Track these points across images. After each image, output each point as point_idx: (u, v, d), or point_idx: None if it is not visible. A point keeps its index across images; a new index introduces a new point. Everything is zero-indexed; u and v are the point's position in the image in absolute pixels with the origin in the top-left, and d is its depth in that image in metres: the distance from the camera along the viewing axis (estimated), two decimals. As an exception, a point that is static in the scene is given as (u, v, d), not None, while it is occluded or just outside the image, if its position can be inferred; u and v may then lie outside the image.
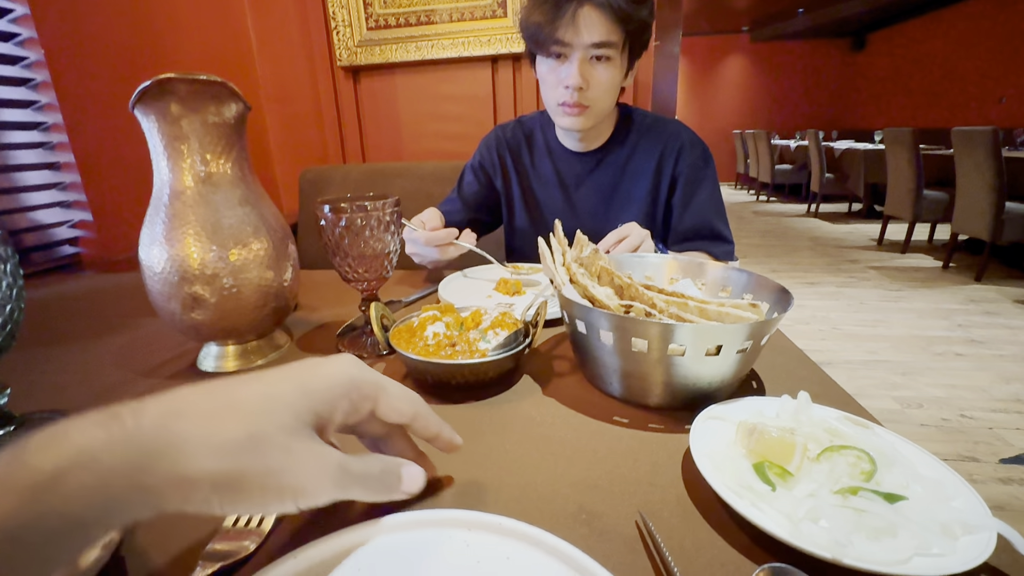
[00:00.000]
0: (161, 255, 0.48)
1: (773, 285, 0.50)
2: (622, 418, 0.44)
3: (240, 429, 0.23)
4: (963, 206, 3.44)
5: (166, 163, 0.48)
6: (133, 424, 0.21)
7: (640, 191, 0.99)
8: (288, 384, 0.26)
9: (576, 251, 0.53)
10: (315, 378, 0.27)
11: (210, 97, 0.47)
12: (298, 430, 0.25)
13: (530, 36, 0.84)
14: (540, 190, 1.06)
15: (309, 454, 0.25)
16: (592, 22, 0.78)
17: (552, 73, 0.85)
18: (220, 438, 0.23)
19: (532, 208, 1.07)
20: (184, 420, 0.22)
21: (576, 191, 1.03)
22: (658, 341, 0.40)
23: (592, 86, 0.83)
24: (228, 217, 0.50)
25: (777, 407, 0.41)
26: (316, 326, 0.66)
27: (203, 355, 0.56)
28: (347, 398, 0.28)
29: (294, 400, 0.25)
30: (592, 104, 0.86)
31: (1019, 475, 1.55)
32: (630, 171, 0.99)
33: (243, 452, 0.23)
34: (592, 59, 0.82)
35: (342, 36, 1.73)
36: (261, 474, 0.23)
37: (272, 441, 0.24)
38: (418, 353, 0.47)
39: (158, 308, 0.51)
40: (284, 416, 0.25)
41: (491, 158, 1.08)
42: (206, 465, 0.22)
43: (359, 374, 0.29)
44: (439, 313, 0.54)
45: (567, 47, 0.81)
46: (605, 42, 0.79)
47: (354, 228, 0.51)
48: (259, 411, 0.24)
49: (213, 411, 0.23)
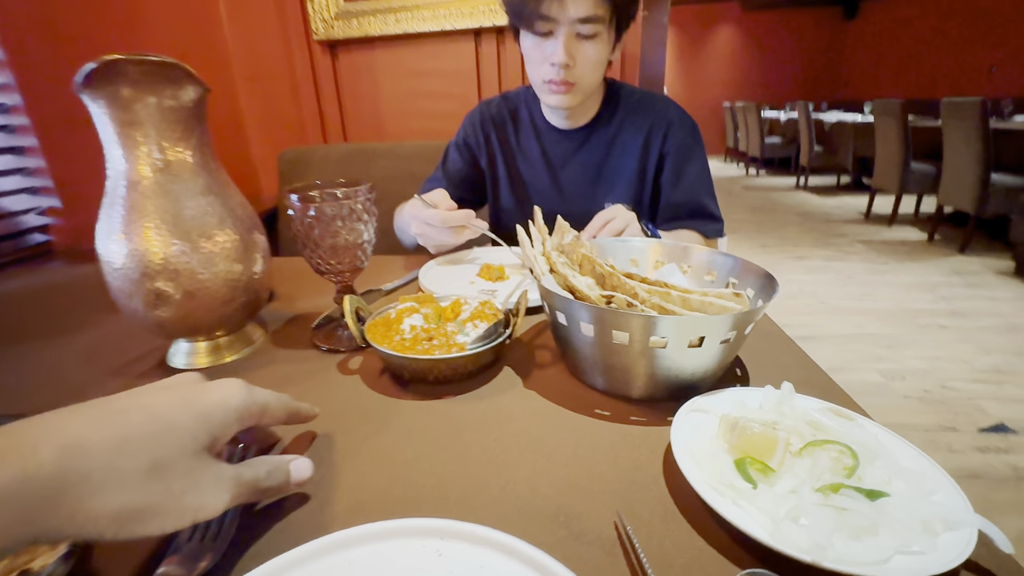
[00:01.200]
0: (120, 249, 0.46)
1: (758, 270, 0.48)
2: (604, 411, 0.43)
3: (143, 457, 0.24)
4: (950, 178, 3.45)
5: (120, 151, 0.45)
6: (33, 465, 0.20)
7: (628, 168, 0.97)
8: (185, 411, 0.27)
9: (557, 238, 0.51)
10: (210, 405, 0.28)
11: (165, 80, 0.44)
12: (196, 452, 0.26)
13: (513, 11, 0.81)
14: (526, 168, 1.03)
15: (207, 473, 0.27)
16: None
17: (537, 49, 0.82)
18: (123, 470, 0.23)
19: (518, 187, 1.05)
20: (85, 455, 0.22)
21: (562, 169, 1.00)
22: (639, 333, 0.39)
23: (579, 63, 0.80)
24: (190, 208, 0.47)
25: (760, 398, 0.40)
26: (291, 318, 0.64)
27: (173, 352, 0.54)
28: (239, 422, 0.30)
29: (192, 426, 0.27)
30: (579, 81, 0.83)
31: (995, 444, 1.59)
32: (617, 148, 0.97)
33: (146, 481, 0.24)
34: (578, 35, 0.78)
35: (317, 8, 1.66)
36: (163, 499, 0.24)
37: (173, 466, 0.25)
38: (394, 348, 0.45)
39: (120, 305, 0.48)
40: (183, 441, 0.26)
41: (475, 135, 1.04)
42: (109, 500, 0.22)
43: (249, 397, 0.31)
44: (417, 304, 0.52)
45: (552, 22, 0.77)
46: (592, 16, 0.76)
47: (324, 218, 0.49)
48: (159, 437, 0.25)
49: (114, 442, 0.23)
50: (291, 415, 0.35)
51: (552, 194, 1.02)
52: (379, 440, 0.40)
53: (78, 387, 0.50)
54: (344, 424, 0.42)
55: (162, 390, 0.28)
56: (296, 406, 0.36)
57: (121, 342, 0.59)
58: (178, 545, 0.29)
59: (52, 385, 0.51)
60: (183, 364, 0.52)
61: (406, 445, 0.40)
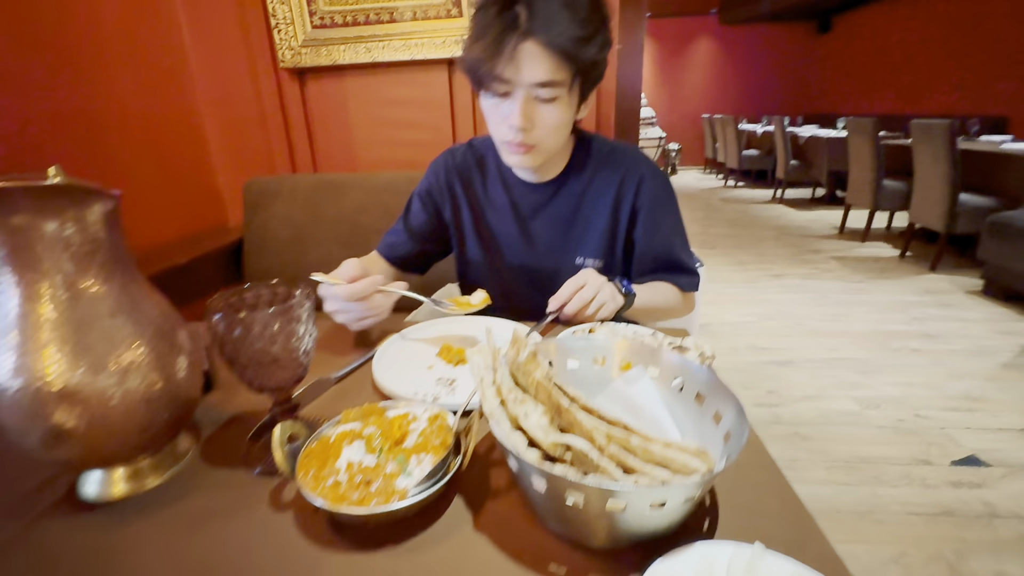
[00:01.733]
0: (12, 383, 0.40)
1: (728, 395, 0.45)
2: (561, 565, 0.39)
3: None
4: (920, 196, 3.53)
5: (12, 280, 0.39)
6: None
7: (599, 221, 0.94)
8: None
9: (512, 354, 0.47)
10: None
11: (67, 203, 0.38)
12: None
13: (470, 71, 0.78)
14: (494, 219, 0.99)
15: None
16: (535, 60, 0.71)
17: (495, 110, 0.79)
18: None
19: (486, 238, 1.00)
20: None
21: (532, 221, 0.97)
22: (596, 499, 0.35)
23: (537, 126, 0.77)
24: (95, 333, 0.42)
25: (728, 558, 0.36)
26: (228, 419, 0.59)
27: (83, 480, 0.48)
28: None
29: None
30: (538, 144, 0.80)
31: (968, 478, 1.60)
32: (588, 201, 0.94)
33: None
34: (537, 98, 0.75)
35: (284, 35, 1.60)
36: None
37: None
38: (326, 493, 0.40)
39: (16, 445, 0.43)
40: None
41: (439, 186, 1.00)
42: None
43: None
44: (360, 425, 0.47)
45: (508, 84, 0.74)
46: (549, 81, 0.73)
47: (253, 336, 0.44)
48: None
49: None
50: None
51: (522, 246, 0.98)
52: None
53: (-29, 529, 0.44)
54: (267, 588, 0.37)
55: None
56: None
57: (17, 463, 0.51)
58: None
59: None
60: (95, 495, 0.47)
61: None
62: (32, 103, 1.11)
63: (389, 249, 1.01)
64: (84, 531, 0.43)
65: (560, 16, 0.70)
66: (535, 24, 0.70)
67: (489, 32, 0.71)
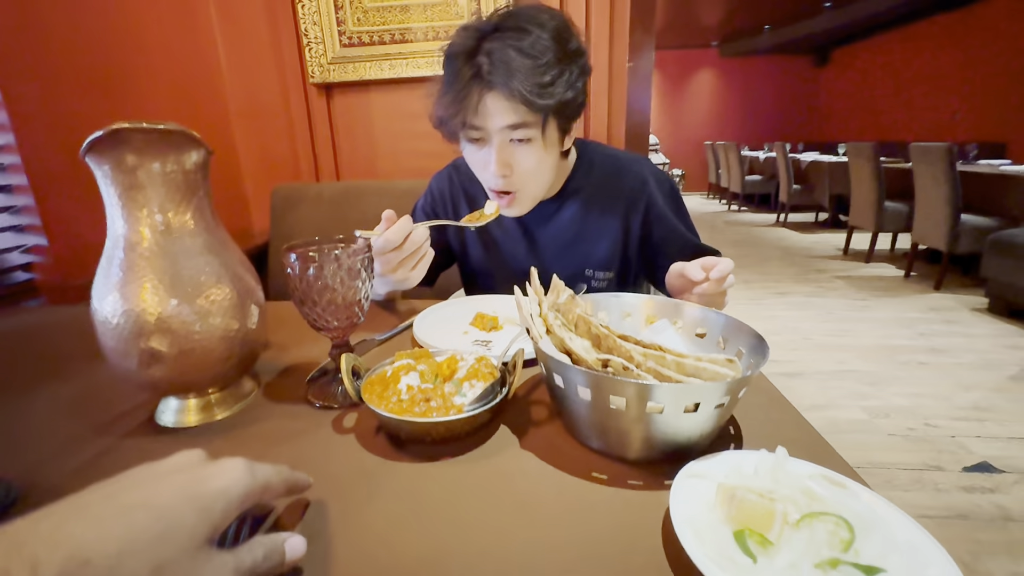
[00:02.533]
0: (115, 308, 0.45)
1: (749, 331, 0.50)
2: (601, 474, 0.43)
3: (144, 565, 0.24)
4: (922, 217, 3.59)
5: (120, 213, 0.45)
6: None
7: (608, 236, 0.94)
8: (188, 506, 0.27)
9: (553, 297, 0.52)
10: (213, 496, 0.28)
11: (169, 145, 0.45)
12: (198, 548, 0.26)
13: (441, 124, 0.79)
14: (500, 235, 0.99)
15: (207, 568, 0.26)
16: (500, 108, 0.72)
17: (475, 156, 0.80)
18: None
19: (491, 249, 1.00)
20: (88, 568, 0.22)
21: (538, 233, 0.96)
22: (636, 400, 0.40)
23: (516, 171, 0.78)
24: (188, 268, 0.47)
25: (755, 462, 0.40)
26: (285, 368, 0.64)
27: (161, 409, 0.53)
28: (241, 507, 0.30)
29: (193, 523, 0.26)
30: (520, 189, 0.80)
31: (981, 483, 1.61)
32: (596, 212, 0.94)
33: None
34: (511, 140, 0.75)
35: (314, 53, 1.70)
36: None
37: (175, 568, 0.25)
38: (391, 409, 0.45)
39: (113, 364, 0.48)
40: (184, 541, 0.26)
41: (443, 201, 1.02)
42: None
43: (252, 482, 0.30)
44: (413, 361, 0.52)
45: (481, 131, 0.75)
46: (520, 123, 0.73)
47: (322, 276, 0.50)
48: (160, 540, 0.25)
49: (117, 550, 0.23)
50: (290, 488, 0.35)
51: (528, 260, 0.97)
52: (374, 506, 0.40)
53: (62, 446, 0.49)
54: (339, 489, 0.42)
55: (163, 478, 0.28)
56: (294, 478, 0.35)
57: (107, 395, 0.58)
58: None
59: (36, 442, 0.49)
60: (171, 422, 0.51)
61: (402, 512, 0.39)
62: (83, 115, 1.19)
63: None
64: (162, 449, 0.47)
65: (519, 65, 0.69)
66: (495, 76, 0.70)
67: (455, 84, 0.72)
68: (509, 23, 0.72)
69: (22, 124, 1.06)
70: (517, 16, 0.73)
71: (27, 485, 0.42)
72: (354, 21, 1.67)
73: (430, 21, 1.65)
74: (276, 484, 0.33)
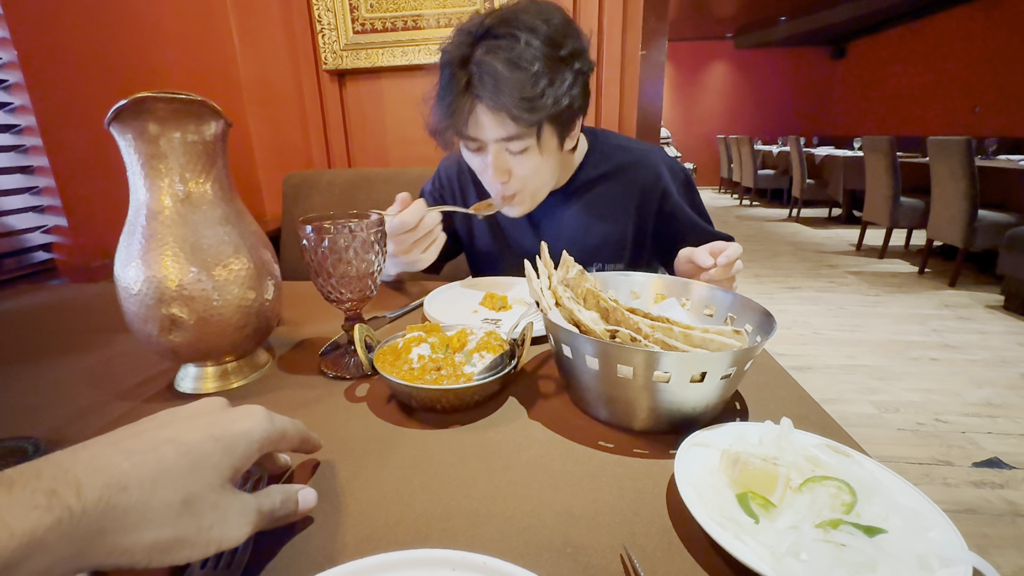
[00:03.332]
0: (138, 276, 0.47)
1: (756, 307, 0.50)
2: (607, 443, 0.44)
3: (175, 494, 0.25)
4: (938, 213, 3.54)
5: (143, 182, 0.46)
6: (79, 507, 0.22)
7: (619, 229, 0.93)
8: (210, 444, 0.28)
9: (562, 272, 0.53)
10: (235, 436, 0.29)
11: (190, 115, 0.46)
12: (222, 485, 0.28)
13: (436, 133, 0.78)
14: (508, 224, 0.99)
15: (232, 506, 0.28)
16: (491, 121, 0.72)
17: (474, 160, 0.81)
18: (157, 507, 0.25)
19: (498, 237, 1.01)
20: (124, 494, 0.23)
21: (545, 220, 0.95)
22: (643, 368, 0.40)
23: (515, 176, 0.78)
24: (208, 237, 0.48)
25: (760, 433, 0.41)
26: (298, 343, 0.65)
27: (180, 376, 0.54)
28: (260, 450, 0.31)
29: (218, 460, 0.28)
30: (521, 190, 0.81)
31: (990, 478, 1.60)
32: (606, 202, 0.92)
33: (178, 516, 0.25)
34: (508, 150, 0.75)
35: (327, 40, 1.71)
36: (193, 532, 0.26)
37: (203, 501, 0.27)
38: (403, 377, 0.46)
39: (134, 329, 0.49)
40: (210, 476, 0.27)
41: (450, 187, 1.03)
42: (144, 536, 0.24)
43: (271, 427, 0.32)
44: (424, 334, 0.53)
45: (476, 141, 0.75)
46: (513, 136, 0.73)
47: (337, 248, 0.51)
48: (188, 473, 0.26)
49: (150, 479, 0.25)
50: (304, 442, 0.36)
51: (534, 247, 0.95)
52: (386, 469, 0.41)
53: (86, 409, 0.51)
54: (351, 452, 0.43)
55: (189, 420, 0.29)
56: (308, 433, 0.37)
57: (128, 365, 0.60)
58: (191, 572, 0.30)
59: (62, 407, 0.51)
60: (190, 389, 0.53)
61: (413, 474, 0.40)
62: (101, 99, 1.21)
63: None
64: (184, 415, 0.50)
65: (506, 78, 0.67)
66: (483, 91, 0.69)
67: (449, 93, 0.72)
68: (500, 29, 0.70)
69: (43, 108, 1.09)
70: (510, 20, 0.70)
71: (53, 443, 0.44)
72: (367, 7, 1.68)
73: (442, 8, 1.65)
74: (292, 434, 0.34)
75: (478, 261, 1.07)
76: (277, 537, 0.34)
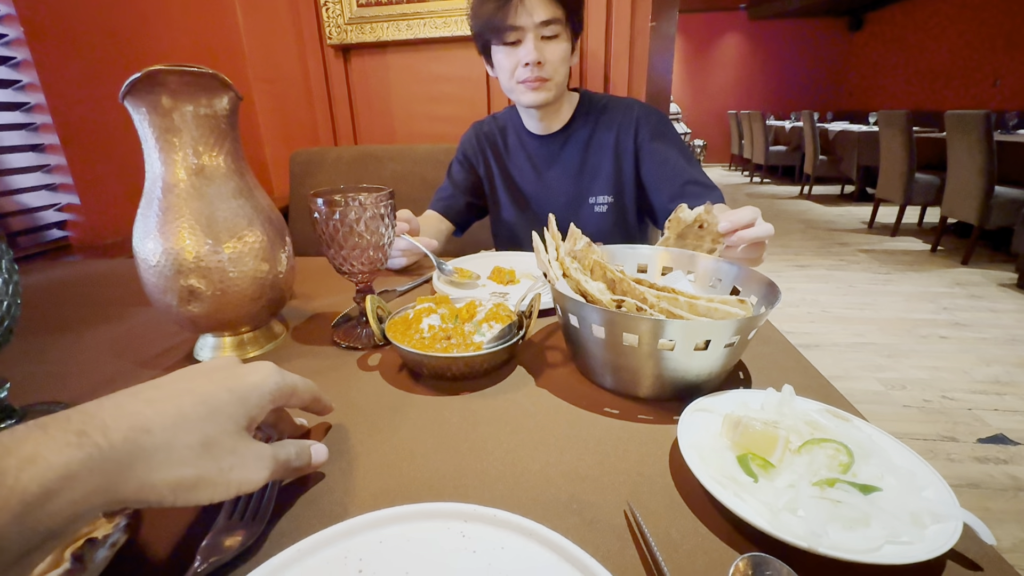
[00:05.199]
0: (156, 248, 0.48)
1: (761, 278, 0.51)
2: (612, 409, 0.45)
3: (195, 437, 0.27)
4: (953, 189, 3.47)
5: (158, 156, 0.47)
6: (106, 444, 0.23)
7: (605, 164, 1.07)
8: (225, 394, 0.30)
9: (570, 244, 0.53)
10: (248, 387, 0.31)
11: (201, 89, 0.46)
12: (238, 432, 0.30)
13: (484, 26, 0.93)
14: (517, 175, 1.15)
15: (249, 451, 0.30)
16: (536, 4, 0.88)
17: (509, 58, 0.94)
18: (180, 448, 0.26)
19: (513, 192, 1.16)
20: (149, 435, 0.25)
21: (548, 171, 1.11)
22: (648, 336, 0.41)
23: (548, 60, 0.93)
24: (222, 210, 0.50)
25: (762, 399, 0.42)
26: (311, 316, 0.67)
27: (199, 346, 0.56)
28: (273, 402, 0.33)
29: (233, 410, 0.30)
30: (551, 76, 0.94)
31: (995, 454, 1.61)
32: (594, 146, 1.07)
33: (199, 458, 0.27)
34: (543, 38, 0.91)
35: (332, 13, 1.69)
36: (213, 473, 0.28)
37: (221, 445, 0.28)
38: (414, 346, 0.48)
39: (154, 300, 0.51)
40: (226, 423, 0.29)
41: (473, 151, 1.18)
42: (169, 474, 0.26)
43: (281, 380, 0.34)
44: (434, 305, 0.54)
45: (520, 31, 0.90)
46: (551, 19, 0.89)
47: (348, 221, 0.52)
48: (206, 419, 0.28)
49: (171, 424, 0.27)
50: (315, 400, 0.38)
51: (541, 193, 1.13)
52: (399, 432, 0.42)
53: (110, 378, 0.53)
54: (365, 416, 0.45)
55: (204, 374, 0.31)
56: (319, 393, 0.38)
57: (148, 336, 0.62)
58: (219, 522, 0.32)
59: (87, 375, 0.53)
60: (208, 358, 0.55)
61: (425, 437, 0.42)
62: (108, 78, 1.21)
63: (442, 204, 1.17)
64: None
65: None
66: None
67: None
68: None
69: (52, 86, 1.09)
70: None
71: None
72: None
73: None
74: (303, 390, 0.36)
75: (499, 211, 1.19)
76: (295, 492, 0.36)
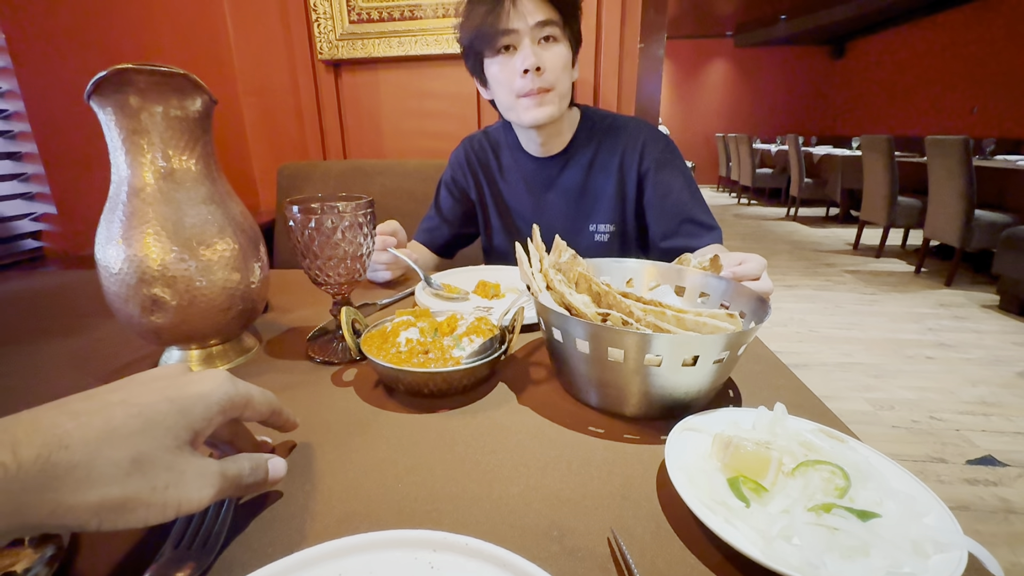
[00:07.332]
0: (118, 255, 0.46)
1: (751, 293, 0.49)
2: (597, 428, 0.43)
3: (123, 453, 0.24)
4: (935, 213, 3.54)
5: (124, 158, 0.45)
6: (13, 463, 0.21)
7: (608, 189, 0.99)
8: (165, 405, 0.27)
9: (554, 256, 0.52)
10: (192, 398, 0.28)
11: (172, 89, 0.45)
12: (179, 447, 0.27)
13: (475, 36, 0.85)
14: (511, 197, 1.06)
15: (191, 467, 0.27)
16: (530, 6, 0.80)
17: (505, 68, 0.85)
18: (103, 465, 0.23)
19: (504, 215, 1.08)
20: (66, 451, 0.22)
21: (545, 194, 1.02)
22: (634, 351, 0.39)
23: (548, 67, 0.83)
24: (191, 216, 0.47)
25: (753, 418, 0.40)
26: (286, 329, 0.64)
27: (164, 359, 0.53)
28: (222, 414, 0.30)
29: (173, 422, 0.27)
30: (553, 86, 0.85)
31: (984, 476, 1.60)
32: (596, 170, 0.99)
33: (127, 476, 0.24)
34: (540, 41, 0.83)
35: (323, 29, 1.69)
36: (145, 493, 0.25)
37: (155, 461, 0.25)
38: (389, 360, 0.45)
39: (115, 310, 0.48)
40: (164, 437, 0.26)
41: (462, 172, 1.09)
42: (90, 495, 0.23)
43: (232, 390, 0.31)
44: (413, 318, 0.52)
45: (515, 35, 0.82)
46: (547, 20, 0.81)
47: (324, 230, 0.50)
48: (139, 433, 0.25)
49: (95, 438, 0.24)
50: (275, 413, 0.35)
51: (535, 217, 1.03)
52: (371, 451, 0.40)
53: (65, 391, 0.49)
54: (336, 434, 0.42)
55: (144, 383, 0.28)
56: (279, 406, 0.35)
57: (112, 348, 0.58)
58: (164, 551, 0.29)
59: (42, 389, 0.50)
60: (174, 372, 0.52)
61: (398, 457, 0.39)
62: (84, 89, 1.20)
63: (427, 235, 1.10)
64: (166, 399, 0.49)
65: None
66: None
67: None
68: None
69: (32, 94, 1.07)
70: None
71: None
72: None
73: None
74: (260, 402, 0.33)
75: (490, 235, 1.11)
76: (251, 513, 0.33)
